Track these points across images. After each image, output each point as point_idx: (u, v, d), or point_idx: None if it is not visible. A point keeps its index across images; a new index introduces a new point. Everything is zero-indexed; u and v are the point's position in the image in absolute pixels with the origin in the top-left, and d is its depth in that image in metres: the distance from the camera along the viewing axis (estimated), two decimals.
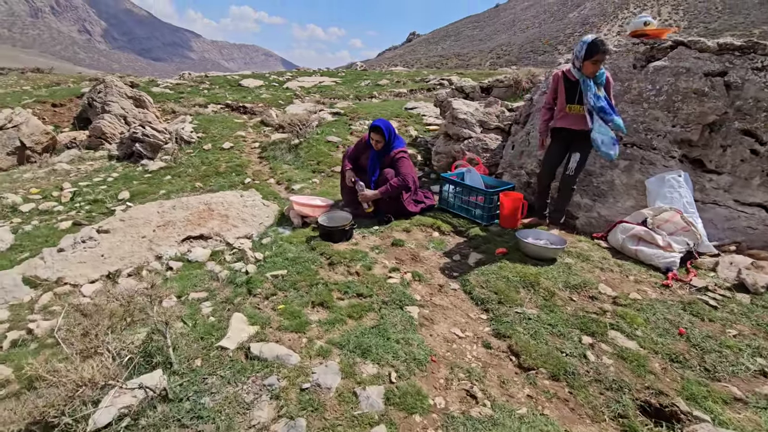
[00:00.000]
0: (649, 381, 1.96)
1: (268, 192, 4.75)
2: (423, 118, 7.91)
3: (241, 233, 3.80)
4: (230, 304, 2.68)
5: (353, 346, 2.18)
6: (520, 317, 2.45)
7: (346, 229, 3.52)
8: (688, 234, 3.06)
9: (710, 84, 3.32)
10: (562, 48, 58.96)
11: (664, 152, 3.51)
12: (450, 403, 1.87)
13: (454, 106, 5.21)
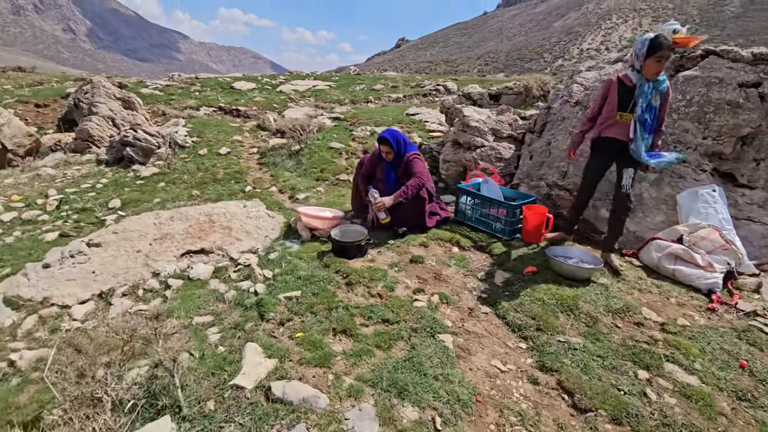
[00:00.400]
0: (722, 425, 1.76)
1: (272, 202, 4.48)
2: (425, 124, 7.72)
3: (246, 247, 3.52)
4: (241, 330, 2.41)
5: (387, 383, 1.94)
6: (565, 347, 2.24)
7: (362, 244, 3.27)
8: (727, 253, 2.90)
9: (744, 95, 3.19)
10: (548, 56, 59.87)
11: (695, 165, 3.36)
12: None
13: (465, 113, 5.02)
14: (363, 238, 3.27)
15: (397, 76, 19.14)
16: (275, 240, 3.67)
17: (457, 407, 1.83)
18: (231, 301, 2.77)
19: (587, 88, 3.76)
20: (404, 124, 7.55)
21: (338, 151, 6.13)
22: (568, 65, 57.84)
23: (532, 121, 4.80)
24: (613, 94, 2.93)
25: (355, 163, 5.73)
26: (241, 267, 3.24)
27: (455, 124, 5.47)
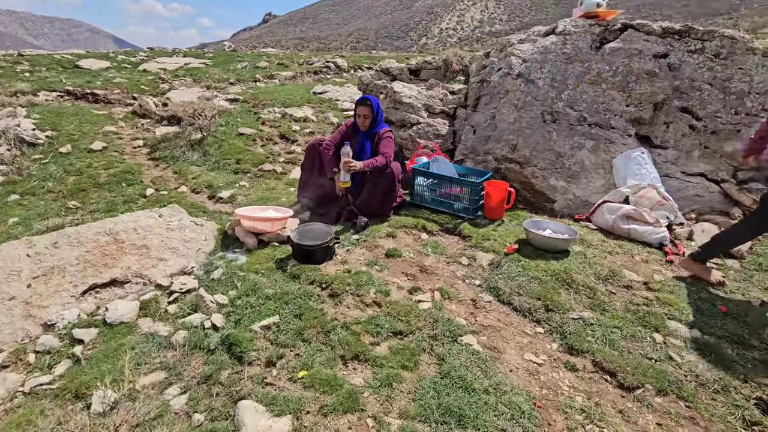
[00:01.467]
0: (741, 373, 1.90)
1: (189, 205, 3.61)
2: (337, 103, 7.24)
3: (175, 268, 2.75)
4: (216, 384, 1.82)
5: (439, 414, 1.63)
6: (581, 324, 2.20)
7: (331, 245, 2.81)
8: (664, 207, 3.24)
9: (659, 65, 3.55)
10: (413, 35, 62.84)
11: (622, 131, 3.67)
12: None
13: (396, 89, 4.73)
14: (330, 237, 2.80)
15: (279, 53, 17.85)
16: (212, 253, 2.95)
17: (524, 421, 1.62)
18: (183, 345, 2.10)
19: (526, 60, 3.80)
20: (314, 104, 6.95)
21: (250, 137, 5.31)
22: (432, 43, 61.26)
23: (461, 96, 4.75)
24: None
25: (275, 150, 5.05)
26: (178, 295, 2.50)
27: (381, 101, 5.14)
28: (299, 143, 5.37)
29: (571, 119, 3.65)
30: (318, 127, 5.95)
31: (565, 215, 3.58)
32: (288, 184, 4.34)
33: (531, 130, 3.64)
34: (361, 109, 3.34)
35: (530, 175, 3.63)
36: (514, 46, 3.98)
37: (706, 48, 3.56)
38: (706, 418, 1.69)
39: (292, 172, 4.67)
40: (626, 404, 1.75)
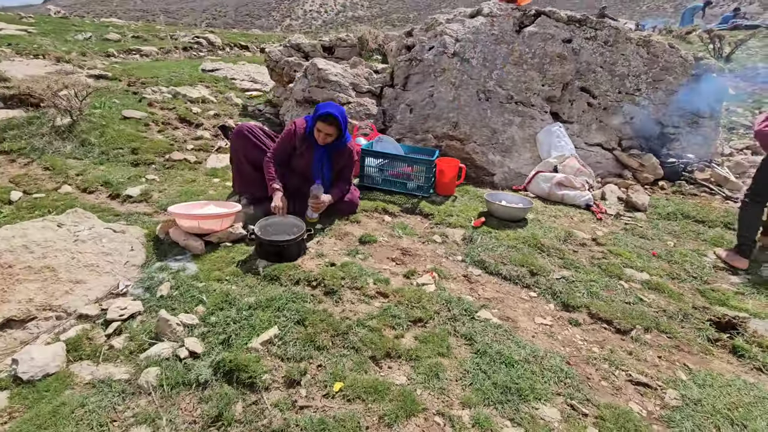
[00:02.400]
0: (690, 302, 2.32)
1: (88, 208, 2.79)
2: (234, 82, 6.45)
3: (100, 291, 2.12)
4: (234, 425, 1.46)
5: (499, 393, 1.60)
6: (564, 283, 2.40)
7: (305, 238, 2.50)
8: (583, 174, 3.73)
9: (567, 49, 4.01)
10: (276, 15, 60.30)
11: (540, 108, 4.08)
12: (652, 406, 1.65)
13: (320, 65, 4.38)
14: (304, 230, 2.48)
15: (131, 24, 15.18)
16: (145, 265, 2.36)
17: (570, 381, 1.69)
18: (159, 385, 1.63)
19: (459, 39, 3.90)
20: (207, 83, 6.07)
21: (141, 121, 4.37)
22: (297, 25, 59.52)
23: (386, 75, 4.67)
24: None
25: (178, 136, 4.29)
26: (118, 324, 1.93)
27: (298, 81, 4.75)
28: (206, 127, 4.63)
29: (501, 97, 3.90)
30: (221, 108, 5.21)
31: (504, 187, 3.85)
32: (209, 175, 3.72)
33: (469, 107, 3.78)
34: (323, 127, 2.66)
35: (471, 151, 3.78)
36: (444, 25, 4.05)
37: (598, 36, 4.16)
38: (685, 343, 2.02)
39: (207, 160, 4.00)
40: (629, 346, 1.98)
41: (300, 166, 2.89)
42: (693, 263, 2.73)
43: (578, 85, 4.19)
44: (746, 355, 1.95)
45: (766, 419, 1.58)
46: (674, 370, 1.83)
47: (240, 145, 2.91)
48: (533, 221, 3.10)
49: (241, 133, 2.94)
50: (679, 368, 1.85)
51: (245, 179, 2.99)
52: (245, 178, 2.98)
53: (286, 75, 5.23)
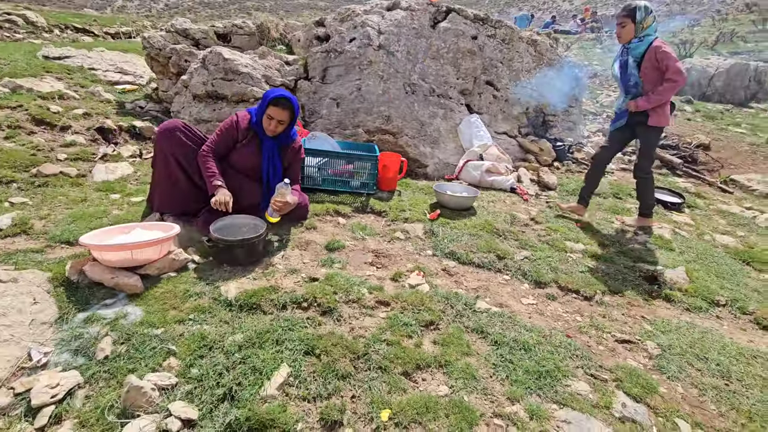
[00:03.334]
0: (621, 263, 2.75)
1: None
2: (95, 73, 5.24)
3: (1, 369, 1.51)
4: None
5: (534, 379, 1.65)
6: (528, 262, 2.60)
7: (265, 237, 2.24)
8: (503, 160, 4.09)
9: (475, 45, 4.30)
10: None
11: (456, 101, 4.32)
12: (642, 358, 1.89)
13: (227, 55, 3.83)
14: (265, 226, 2.22)
15: None
16: (62, 321, 1.77)
17: (578, 353, 1.85)
18: None
19: (382, 32, 3.81)
20: (58, 74, 4.81)
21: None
22: (132, 7, 52.50)
23: (299, 67, 4.36)
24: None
25: (39, 143, 3.35)
26: (54, 408, 1.41)
27: (195, 73, 4.10)
28: (77, 130, 3.66)
29: (425, 90, 4.00)
30: (89, 106, 4.18)
31: (437, 177, 3.99)
32: (102, 191, 2.96)
33: (399, 101, 3.78)
34: (276, 112, 2.39)
35: (404, 144, 3.80)
36: (363, 16, 3.93)
37: (497, 34, 4.57)
38: (634, 299, 2.39)
39: (93, 172, 3.18)
40: (599, 309, 2.25)
41: (241, 163, 2.51)
42: (607, 230, 3.24)
43: (484, 79, 4.56)
44: (675, 300, 2.40)
45: (716, 348, 1.97)
46: (640, 324, 2.15)
47: (171, 147, 2.37)
48: (479, 208, 3.29)
49: (171, 132, 2.39)
50: (641, 321, 2.18)
51: (175, 192, 2.46)
52: (175, 190, 2.45)
53: (173, 65, 4.45)
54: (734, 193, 4.53)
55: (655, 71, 2.84)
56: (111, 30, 12.79)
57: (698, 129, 6.27)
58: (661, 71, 2.81)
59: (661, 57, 2.77)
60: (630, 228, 3.28)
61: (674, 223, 3.52)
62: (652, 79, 2.87)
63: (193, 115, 4.09)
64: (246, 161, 2.51)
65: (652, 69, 2.84)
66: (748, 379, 1.81)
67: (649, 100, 2.86)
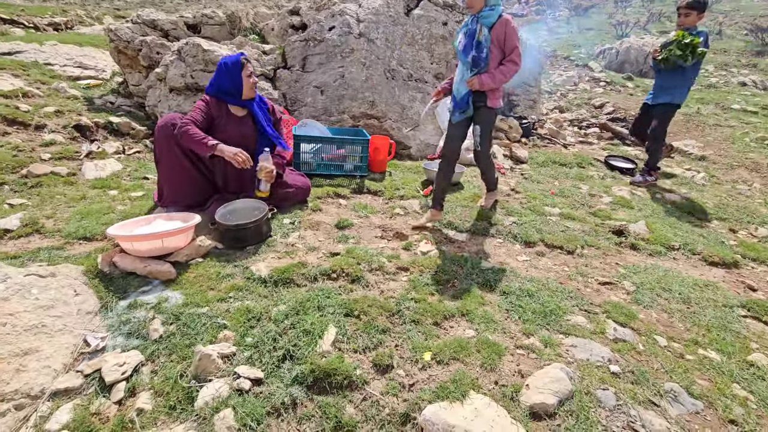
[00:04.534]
0: (592, 222, 3.14)
1: None
2: (52, 68, 4.96)
3: (64, 356, 1.61)
4: (358, 427, 1.43)
5: (542, 318, 1.96)
6: (515, 226, 2.92)
7: (269, 217, 2.43)
8: None
9: (447, 31, 4.53)
10: None
11: (432, 84, 4.55)
12: (622, 294, 2.25)
13: (206, 46, 3.80)
14: (266, 209, 2.41)
15: None
16: (105, 309, 1.86)
17: (572, 295, 2.17)
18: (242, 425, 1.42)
19: (361, 20, 3.93)
20: (12, 70, 4.54)
21: None
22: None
23: (277, 56, 4.40)
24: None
25: (18, 144, 3.24)
26: (127, 385, 1.54)
27: (171, 65, 4.04)
28: (53, 129, 3.53)
29: (403, 76, 4.20)
30: (59, 103, 4.01)
31: (420, 157, 4.23)
32: (99, 188, 2.94)
33: (381, 87, 3.95)
34: (250, 67, 2.58)
35: (389, 128, 4.00)
36: (339, 5, 4.02)
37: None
38: (607, 249, 2.77)
39: (83, 170, 3.12)
40: (581, 261, 2.61)
41: (232, 139, 2.51)
42: (576, 195, 3.64)
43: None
44: (640, 248, 2.82)
45: (676, 282, 2.38)
46: (615, 269, 2.53)
47: (175, 138, 2.42)
48: (464, 183, 3.58)
49: (165, 129, 2.43)
50: (616, 267, 2.56)
51: (184, 182, 2.53)
52: (184, 181, 2.53)
53: (144, 58, 4.33)
54: (674, 158, 5.14)
55: (497, 49, 2.46)
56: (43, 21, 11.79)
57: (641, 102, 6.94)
58: (501, 49, 2.46)
59: (510, 33, 2.41)
60: (486, 207, 3.12)
61: (630, 186, 4.00)
62: (493, 57, 2.47)
63: (173, 108, 4.04)
64: (235, 134, 2.57)
65: (495, 45, 2.45)
66: (703, 303, 2.22)
67: (494, 78, 2.46)
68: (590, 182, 3.95)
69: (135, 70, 4.50)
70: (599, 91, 7.88)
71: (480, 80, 2.50)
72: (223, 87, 2.56)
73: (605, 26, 14.13)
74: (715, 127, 6.07)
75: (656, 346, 1.86)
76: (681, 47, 3.51)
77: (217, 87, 2.57)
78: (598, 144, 5.42)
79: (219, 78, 2.55)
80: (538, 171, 4.20)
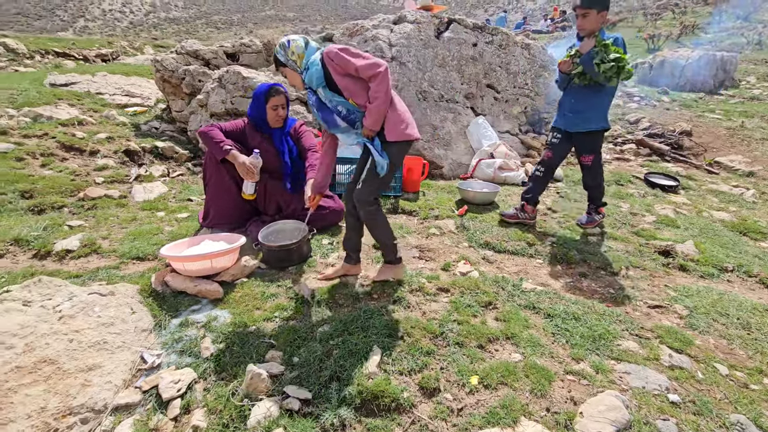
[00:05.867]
0: (635, 242, 3.04)
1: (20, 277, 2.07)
2: (102, 97, 5.32)
3: (123, 372, 1.68)
4: None
5: (591, 342, 1.89)
6: (555, 246, 2.86)
7: (309, 238, 2.49)
8: (512, 156, 4.37)
9: (476, 52, 4.60)
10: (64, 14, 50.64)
11: (462, 104, 4.59)
12: (674, 319, 2.15)
13: (245, 74, 4.00)
14: (308, 229, 2.45)
15: None
16: (159, 327, 1.93)
17: (622, 318, 2.10)
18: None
19: (393, 44, 4.06)
20: (69, 100, 4.89)
21: (9, 155, 3.33)
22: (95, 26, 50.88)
23: None
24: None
25: (74, 168, 3.47)
26: (179, 400, 1.58)
27: (213, 92, 4.26)
28: (105, 154, 3.77)
29: (435, 96, 4.26)
30: (109, 129, 4.29)
31: (452, 177, 4.24)
32: (147, 209, 3.10)
33: (413, 108, 4.02)
34: (278, 100, 2.66)
35: (421, 147, 4.05)
36: (372, 31, 4.17)
37: (494, 40, 4.88)
38: (654, 271, 2.67)
39: (133, 193, 3.31)
40: (627, 282, 2.52)
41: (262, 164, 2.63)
42: (617, 214, 3.54)
43: (485, 83, 4.85)
44: (690, 269, 2.70)
45: (733, 305, 2.25)
46: (665, 291, 2.43)
47: (216, 168, 2.55)
48: (499, 202, 3.55)
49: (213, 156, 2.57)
50: (665, 289, 2.45)
51: (230, 204, 2.64)
52: (231, 205, 2.64)
53: (187, 86, 4.59)
54: (720, 174, 4.93)
55: (349, 80, 1.96)
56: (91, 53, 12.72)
57: (678, 117, 6.72)
58: (352, 76, 1.96)
59: (341, 61, 1.92)
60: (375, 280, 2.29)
61: (674, 203, 3.85)
62: (356, 90, 1.97)
63: None
64: (264, 159, 2.66)
65: (344, 78, 1.96)
66: (766, 329, 2.09)
67: (372, 114, 1.95)
68: (630, 200, 3.84)
69: (178, 97, 4.78)
70: (633, 106, 7.70)
71: (366, 127, 1.99)
72: (253, 113, 2.72)
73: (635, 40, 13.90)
74: (762, 141, 5.79)
75: (717, 375, 1.76)
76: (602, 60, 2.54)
77: (250, 111, 2.75)
78: (635, 160, 5.27)
79: (251, 104, 2.73)
80: (574, 189, 4.11)
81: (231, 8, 60.99)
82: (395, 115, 2.04)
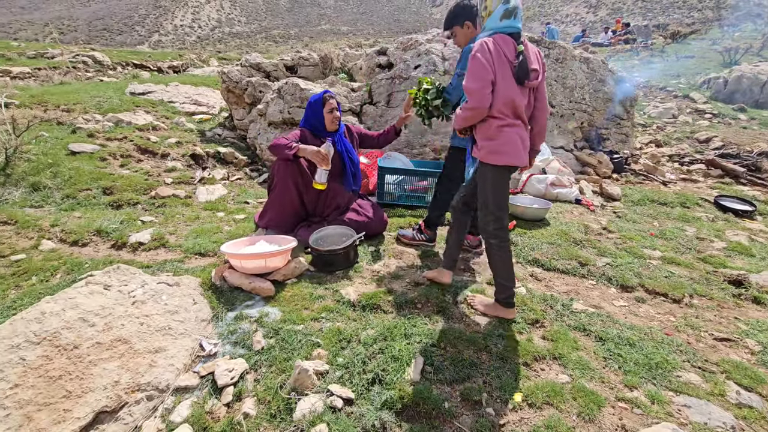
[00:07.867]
0: (701, 269, 2.82)
1: (101, 264, 2.31)
2: (173, 105, 5.81)
3: (184, 356, 1.81)
4: None
5: (646, 371, 1.78)
6: (610, 268, 2.73)
7: (357, 244, 2.56)
8: (565, 172, 4.23)
9: None
10: (142, 29, 55.49)
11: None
12: (745, 354, 1.98)
13: (302, 85, 4.23)
14: (356, 236, 2.51)
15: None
16: (216, 319, 2.07)
17: (683, 348, 1.96)
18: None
19: (446, 58, 4.12)
20: (146, 108, 5.38)
21: (95, 156, 3.72)
22: (168, 41, 54.99)
23: (364, 93, 4.71)
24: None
25: (148, 169, 3.78)
26: (235, 390, 1.68)
27: (272, 102, 4.52)
28: (174, 157, 4.12)
29: None
30: (179, 135, 4.67)
31: None
32: (209, 210, 3.34)
33: None
34: (332, 103, 2.84)
35: None
36: (425, 45, 4.25)
37: (551, 54, 4.78)
38: (723, 301, 2.46)
39: (197, 194, 3.57)
40: (689, 311, 2.34)
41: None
42: (681, 238, 3.31)
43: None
44: (765, 303, 2.46)
45: None
46: (734, 324, 2.23)
47: (291, 170, 2.70)
48: (549, 218, 3.44)
49: (285, 162, 2.72)
50: (735, 321, 2.26)
51: (288, 211, 2.78)
52: (288, 211, 2.78)
53: (249, 96, 4.91)
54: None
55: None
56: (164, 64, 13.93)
57: (757, 137, 6.17)
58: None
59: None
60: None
61: (749, 230, 3.53)
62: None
63: (270, 140, 4.48)
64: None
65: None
66: None
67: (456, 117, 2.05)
68: (697, 224, 3.57)
69: (240, 107, 5.11)
70: (704, 123, 7.17)
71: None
72: (310, 121, 2.88)
73: (708, 53, 12.95)
74: None
75: None
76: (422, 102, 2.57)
77: (306, 120, 2.89)
78: (704, 182, 4.89)
79: (307, 113, 2.88)
80: (633, 210, 3.90)
81: (289, 23, 64.26)
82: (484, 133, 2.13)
